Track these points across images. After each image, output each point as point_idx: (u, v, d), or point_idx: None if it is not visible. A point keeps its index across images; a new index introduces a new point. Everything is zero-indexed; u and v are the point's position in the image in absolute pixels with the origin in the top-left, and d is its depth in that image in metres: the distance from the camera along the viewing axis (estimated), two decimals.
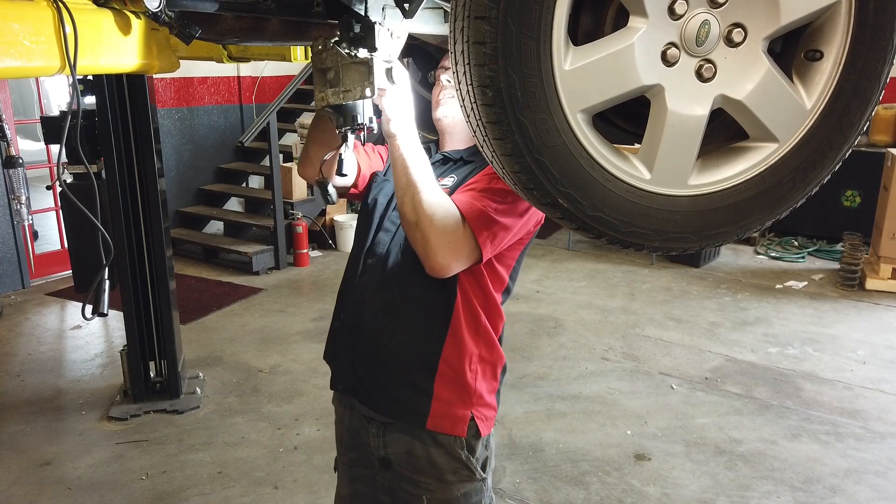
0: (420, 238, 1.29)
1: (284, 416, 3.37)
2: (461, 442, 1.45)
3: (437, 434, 1.44)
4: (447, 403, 1.43)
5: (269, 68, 6.88)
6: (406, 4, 1.21)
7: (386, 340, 1.45)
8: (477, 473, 1.47)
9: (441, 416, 1.43)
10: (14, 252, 5.15)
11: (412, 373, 1.43)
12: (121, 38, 1.17)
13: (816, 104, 0.97)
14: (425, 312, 1.43)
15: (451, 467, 1.45)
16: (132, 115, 3.16)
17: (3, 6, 0.97)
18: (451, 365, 1.43)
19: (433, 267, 1.31)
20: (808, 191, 1.02)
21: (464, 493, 1.47)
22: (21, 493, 2.78)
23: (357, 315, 1.48)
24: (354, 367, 1.49)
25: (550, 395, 3.56)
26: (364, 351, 1.47)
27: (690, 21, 0.90)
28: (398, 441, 1.47)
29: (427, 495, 1.46)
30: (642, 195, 0.95)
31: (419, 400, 1.43)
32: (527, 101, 0.86)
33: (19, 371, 3.89)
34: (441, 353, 1.42)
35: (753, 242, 6.30)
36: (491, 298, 1.46)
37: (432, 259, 1.30)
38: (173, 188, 6.21)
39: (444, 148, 1.57)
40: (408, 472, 1.47)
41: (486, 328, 1.46)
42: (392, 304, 1.44)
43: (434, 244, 1.28)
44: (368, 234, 1.50)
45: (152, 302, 3.41)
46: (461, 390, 1.44)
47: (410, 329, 1.44)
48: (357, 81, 1.17)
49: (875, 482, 2.84)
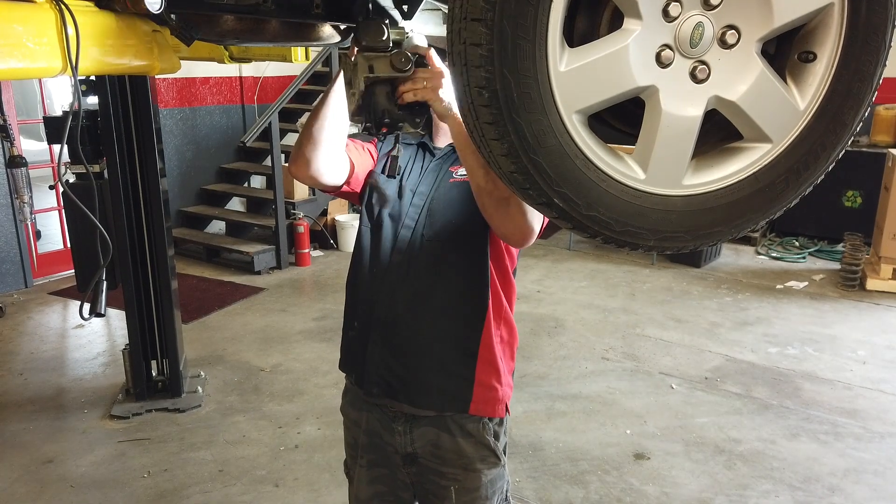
0: (515, 211, 1.27)
1: (285, 415, 3.38)
2: (489, 429, 1.50)
3: (466, 423, 1.48)
4: (487, 388, 1.48)
5: (272, 69, 6.90)
6: (405, 6, 1.22)
7: (425, 333, 1.46)
8: (501, 459, 1.53)
9: (482, 401, 1.48)
10: (17, 251, 5.17)
11: (454, 361, 1.47)
12: (122, 39, 1.18)
13: (810, 105, 0.98)
14: (464, 299, 1.46)
15: (479, 455, 1.49)
16: (134, 115, 3.18)
17: (5, 8, 0.99)
18: (488, 348, 1.47)
19: (525, 236, 1.31)
20: (802, 191, 1.02)
21: (490, 479, 1.51)
22: (23, 491, 2.80)
23: (388, 313, 1.47)
24: (390, 366, 1.48)
25: (550, 395, 3.57)
26: (400, 348, 1.47)
27: (684, 23, 0.90)
28: (425, 435, 1.50)
29: (455, 486, 1.49)
30: (637, 195, 0.96)
31: (463, 387, 1.47)
32: (522, 102, 0.87)
33: (22, 370, 3.91)
34: (480, 338, 1.46)
35: (754, 243, 6.30)
36: (510, 280, 1.51)
37: (527, 230, 1.30)
38: (175, 188, 6.22)
39: (437, 143, 1.58)
40: (434, 465, 1.50)
41: (507, 310, 1.51)
42: (428, 296, 1.46)
43: (529, 214, 1.28)
44: (386, 233, 1.49)
45: (154, 301, 3.43)
46: (496, 372, 1.49)
47: (450, 318, 1.46)
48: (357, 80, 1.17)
49: (874, 482, 2.85)
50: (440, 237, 1.44)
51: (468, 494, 1.50)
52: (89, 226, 1.98)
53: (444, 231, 1.44)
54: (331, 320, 4.59)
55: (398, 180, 1.53)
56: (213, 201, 6.58)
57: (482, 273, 1.45)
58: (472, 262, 1.45)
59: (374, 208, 1.53)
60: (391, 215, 1.50)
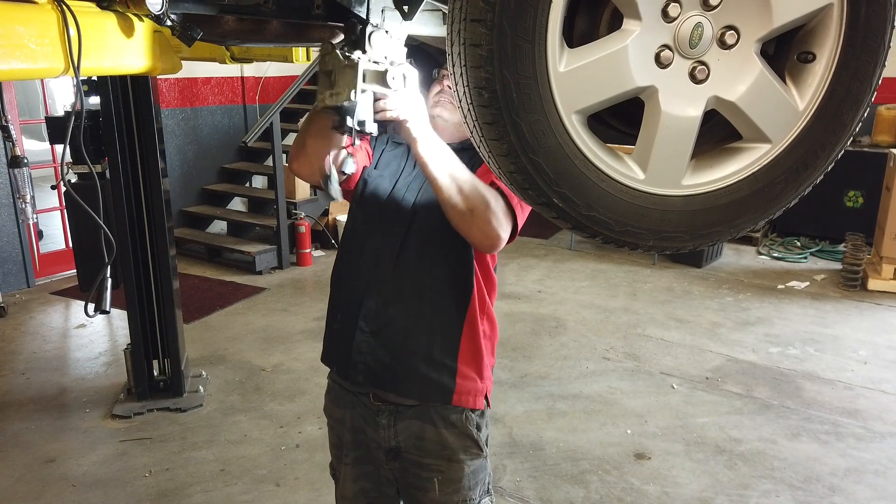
0: (480, 222, 1.35)
1: (287, 415, 3.39)
2: (472, 420, 1.53)
3: (450, 414, 1.52)
4: (468, 379, 1.52)
5: (273, 69, 6.90)
6: (405, 6, 1.22)
7: (412, 323, 1.50)
8: (484, 450, 1.56)
9: (464, 392, 1.52)
10: (19, 251, 5.18)
11: (438, 351, 1.50)
12: (124, 40, 1.19)
13: (809, 105, 0.98)
14: (449, 291, 1.50)
15: (462, 445, 1.53)
16: (136, 115, 3.19)
17: (8, 9, 0.99)
18: (470, 340, 1.52)
19: (493, 244, 1.38)
20: (801, 191, 1.03)
21: (472, 470, 1.54)
22: (25, 490, 2.81)
23: (376, 303, 1.51)
24: (377, 355, 1.51)
25: (551, 395, 3.58)
26: (387, 337, 1.51)
27: (684, 23, 0.91)
28: (409, 427, 1.53)
29: (438, 477, 1.52)
30: (636, 195, 0.96)
31: (446, 377, 1.50)
32: (522, 102, 0.87)
33: (24, 369, 3.92)
34: (462, 329, 1.51)
35: (756, 243, 6.30)
36: (491, 275, 1.56)
37: (493, 238, 1.37)
38: (177, 188, 6.23)
39: None
40: (417, 458, 1.53)
41: (488, 304, 1.56)
42: (416, 287, 1.50)
43: (494, 223, 1.35)
44: (376, 226, 1.53)
45: (156, 301, 3.43)
46: (477, 365, 1.54)
47: (435, 309, 1.50)
48: (347, 84, 1.18)
49: (874, 481, 2.84)
50: (428, 231, 1.48)
51: (451, 485, 1.53)
52: (91, 225, 1.99)
53: (432, 226, 1.47)
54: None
55: (392, 176, 1.56)
56: (214, 201, 6.59)
57: (467, 266, 1.50)
58: (457, 256, 1.50)
59: (366, 202, 1.56)
60: (382, 209, 1.53)
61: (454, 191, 1.33)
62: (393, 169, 1.57)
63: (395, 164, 1.58)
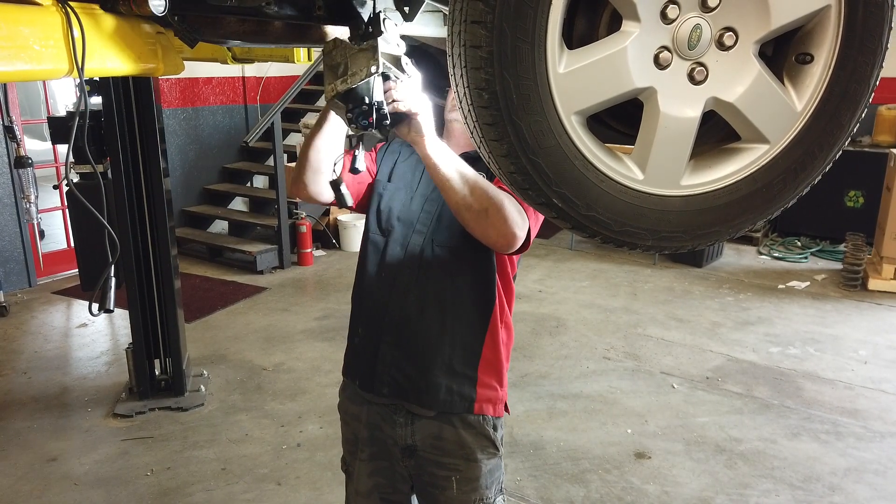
0: (496, 220, 1.32)
1: (288, 414, 3.40)
2: (489, 421, 1.54)
3: (468, 416, 1.52)
4: (489, 388, 1.54)
5: (274, 69, 6.91)
6: (406, 8, 1.23)
7: (436, 334, 1.50)
8: (500, 450, 1.58)
9: (485, 401, 1.53)
10: (21, 251, 5.19)
11: (459, 362, 1.51)
12: (127, 41, 1.19)
13: (807, 106, 0.98)
14: (472, 302, 1.51)
15: (480, 445, 1.54)
16: (138, 115, 3.19)
17: (13, 11, 1.00)
18: (491, 349, 1.53)
19: (510, 242, 1.36)
20: (800, 191, 1.03)
21: (489, 469, 1.56)
22: (27, 489, 2.82)
23: (400, 316, 1.51)
24: (402, 367, 1.51)
25: (552, 394, 3.58)
26: (412, 349, 1.51)
27: (682, 25, 0.91)
28: (427, 427, 1.54)
29: (456, 476, 1.53)
30: (636, 195, 0.97)
31: (467, 387, 1.52)
32: (522, 103, 0.88)
33: (26, 368, 3.93)
34: (485, 339, 1.52)
35: (756, 243, 6.30)
36: (510, 284, 1.56)
37: (510, 236, 1.35)
38: (178, 188, 6.24)
39: None
40: (434, 456, 1.54)
41: (507, 313, 1.57)
42: (440, 298, 1.50)
43: (510, 222, 1.33)
44: (397, 237, 1.52)
45: (157, 300, 3.44)
46: (497, 373, 1.55)
47: (459, 320, 1.51)
48: (363, 63, 1.17)
49: (874, 481, 2.85)
50: (451, 241, 1.48)
51: (469, 484, 1.53)
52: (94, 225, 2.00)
53: (455, 235, 1.47)
54: (333, 320, 4.60)
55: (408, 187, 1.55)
56: (215, 201, 6.60)
57: (489, 276, 1.50)
58: (481, 266, 1.50)
59: (383, 215, 1.55)
60: (402, 221, 1.53)
61: (467, 191, 1.31)
62: (408, 180, 1.57)
63: (409, 175, 1.57)
